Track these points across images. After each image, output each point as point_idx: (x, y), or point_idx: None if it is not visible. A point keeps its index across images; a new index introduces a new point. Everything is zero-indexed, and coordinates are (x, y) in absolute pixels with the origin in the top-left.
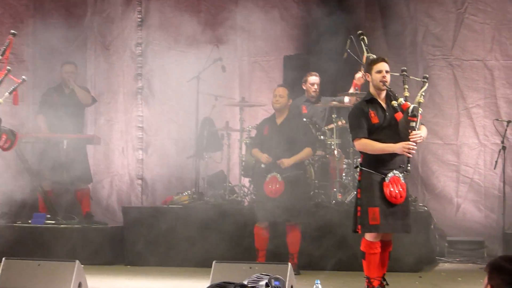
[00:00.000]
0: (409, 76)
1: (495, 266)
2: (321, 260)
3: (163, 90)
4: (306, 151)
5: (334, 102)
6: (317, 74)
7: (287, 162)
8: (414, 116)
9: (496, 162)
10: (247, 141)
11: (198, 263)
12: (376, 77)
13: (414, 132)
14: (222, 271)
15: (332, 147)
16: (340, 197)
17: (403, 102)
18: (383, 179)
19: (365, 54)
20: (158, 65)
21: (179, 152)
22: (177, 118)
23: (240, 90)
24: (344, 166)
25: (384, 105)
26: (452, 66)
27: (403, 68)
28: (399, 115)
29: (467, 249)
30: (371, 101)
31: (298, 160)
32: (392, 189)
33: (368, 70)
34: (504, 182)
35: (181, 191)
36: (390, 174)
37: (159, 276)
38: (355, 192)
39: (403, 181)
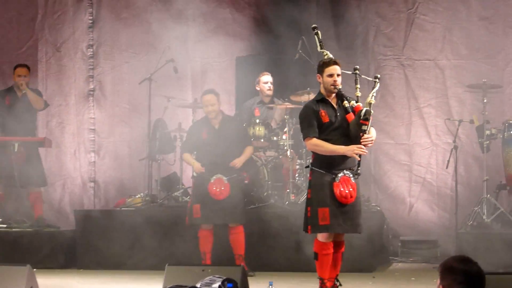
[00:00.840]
0: (361, 75)
1: (447, 266)
2: (274, 261)
3: (115, 92)
4: (250, 149)
5: (287, 103)
6: (270, 74)
7: (239, 162)
8: (366, 119)
9: (448, 161)
10: None
11: (152, 267)
12: (327, 80)
13: (365, 136)
14: (175, 274)
15: (285, 148)
16: (293, 197)
17: (355, 104)
18: (333, 179)
19: (318, 50)
20: (110, 67)
21: (132, 154)
22: (129, 120)
23: (193, 92)
24: (297, 167)
25: (335, 105)
26: (404, 66)
27: (355, 67)
28: (350, 116)
29: (420, 249)
30: (322, 100)
31: (246, 159)
32: (342, 189)
33: (320, 71)
34: (456, 181)
35: (134, 193)
36: (340, 174)
37: (111, 280)
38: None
39: (353, 181)
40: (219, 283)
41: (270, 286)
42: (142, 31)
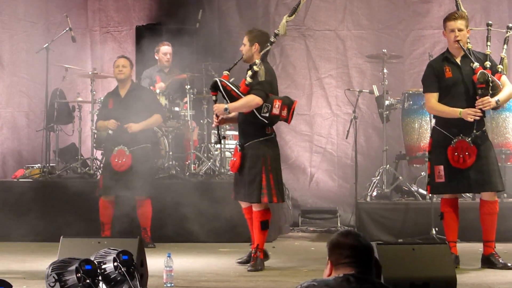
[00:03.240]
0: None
1: (333, 242)
2: (175, 233)
3: (12, 62)
4: (155, 117)
5: (187, 73)
6: (169, 44)
7: (134, 127)
8: (481, 83)
9: (348, 131)
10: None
11: (48, 238)
12: (449, 36)
13: (481, 99)
14: (70, 246)
15: (186, 118)
16: (194, 168)
17: (477, 66)
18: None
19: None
20: (8, 36)
21: (30, 125)
22: (27, 90)
23: (92, 61)
24: (198, 137)
25: (459, 63)
26: (305, 37)
27: (488, 22)
28: (475, 78)
29: (320, 218)
30: (446, 59)
31: (146, 126)
32: (456, 153)
33: (444, 27)
34: (356, 152)
35: (32, 164)
36: (456, 139)
37: (7, 251)
38: (209, 164)
39: (471, 145)
40: (114, 255)
41: (168, 258)
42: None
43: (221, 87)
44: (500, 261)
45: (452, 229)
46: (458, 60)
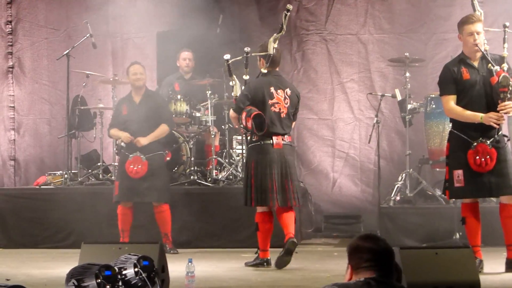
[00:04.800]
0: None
1: (352, 246)
2: (196, 238)
3: (34, 69)
4: (162, 128)
5: (208, 79)
6: (189, 50)
7: (143, 140)
8: (504, 86)
9: (371, 136)
10: None
11: (71, 245)
12: (468, 40)
13: (503, 103)
14: (90, 252)
15: (208, 124)
16: (216, 174)
17: (498, 69)
18: (469, 147)
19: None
20: (29, 43)
21: (52, 132)
22: (49, 97)
23: (113, 68)
24: (220, 143)
25: (476, 66)
26: (326, 41)
27: (505, 23)
28: (494, 80)
29: (343, 224)
30: (462, 61)
31: (154, 139)
32: (477, 157)
33: (460, 30)
34: (378, 156)
35: (54, 171)
36: (476, 142)
37: (29, 258)
38: (231, 169)
39: (490, 148)
40: (135, 261)
41: (189, 263)
42: (60, 6)
43: None
44: None
45: (475, 233)
46: (475, 63)
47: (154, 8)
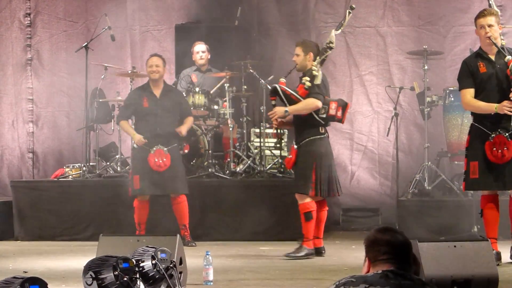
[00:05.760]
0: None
1: (370, 239)
2: (214, 231)
3: (52, 61)
4: (190, 119)
5: (225, 72)
6: (203, 42)
7: (184, 130)
8: None
9: (389, 129)
10: None
11: (89, 237)
12: (480, 33)
13: None
14: (108, 244)
15: (226, 117)
16: (234, 167)
17: (510, 58)
18: (487, 138)
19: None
20: (48, 36)
21: (70, 124)
22: (67, 90)
23: (132, 60)
24: (238, 135)
25: (493, 59)
26: (345, 33)
27: None
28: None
29: (361, 217)
30: (479, 55)
31: (188, 128)
32: (494, 148)
33: (475, 25)
34: (397, 149)
35: (72, 164)
36: (494, 134)
37: (47, 251)
38: (249, 162)
39: (510, 140)
40: (152, 253)
41: (207, 256)
42: None
43: (280, 92)
44: None
45: (492, 226)
46: (491, 56)
47: (173, 1)
